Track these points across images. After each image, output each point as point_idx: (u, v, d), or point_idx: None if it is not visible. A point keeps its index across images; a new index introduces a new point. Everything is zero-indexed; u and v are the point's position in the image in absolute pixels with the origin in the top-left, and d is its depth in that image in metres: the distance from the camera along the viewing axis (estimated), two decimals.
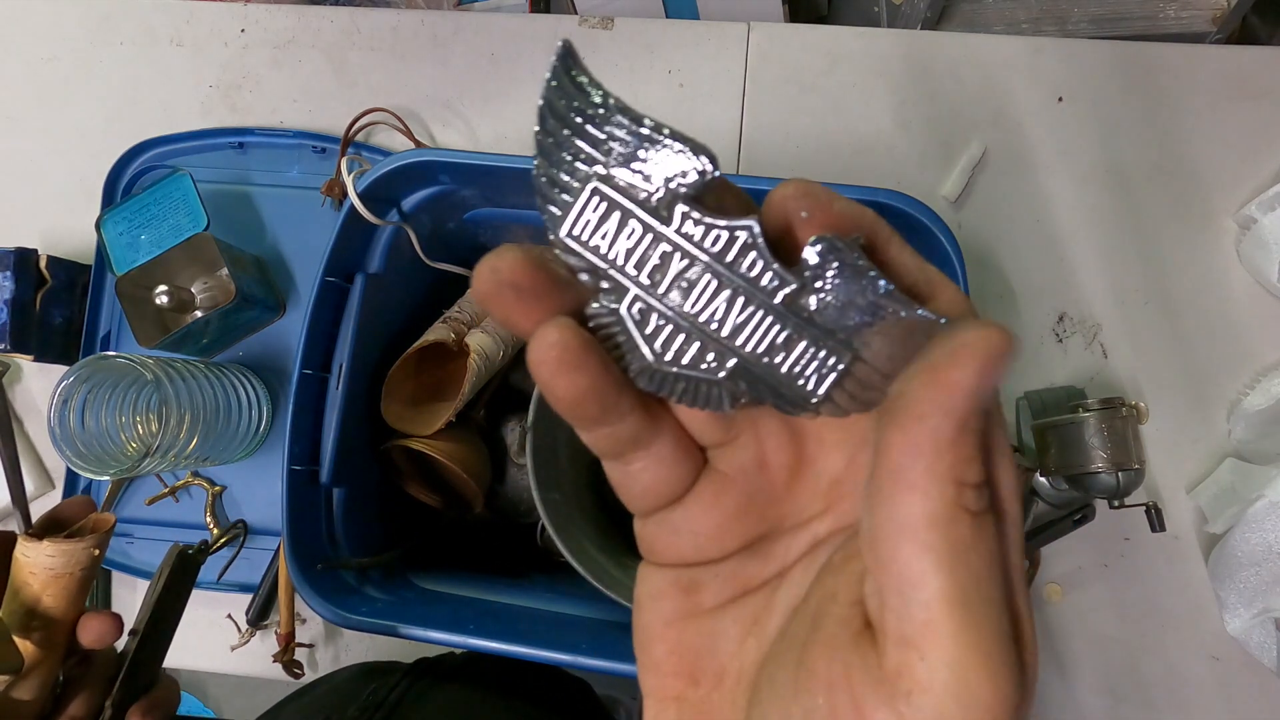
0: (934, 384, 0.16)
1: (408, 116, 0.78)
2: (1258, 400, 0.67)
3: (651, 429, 0.19)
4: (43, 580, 0.38)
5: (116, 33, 0.85)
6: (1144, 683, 0.68)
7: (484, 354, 0.61)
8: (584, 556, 0.57)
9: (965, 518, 0.16)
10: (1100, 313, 0.72)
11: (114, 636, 0.40)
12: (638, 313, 0.18)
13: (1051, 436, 0.65)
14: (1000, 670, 0.15)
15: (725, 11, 1.19)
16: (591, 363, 0.17)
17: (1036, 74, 0.75)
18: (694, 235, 0.17)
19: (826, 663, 0.17)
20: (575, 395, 0.17)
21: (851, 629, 0.17)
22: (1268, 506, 0.63)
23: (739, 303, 0.17)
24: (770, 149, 0.77)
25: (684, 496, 0.20)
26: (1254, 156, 0.73)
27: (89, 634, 0.40)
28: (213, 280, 0.70)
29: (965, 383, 0.15)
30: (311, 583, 0.56)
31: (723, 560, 0.20)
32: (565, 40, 0.17)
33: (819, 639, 0.17)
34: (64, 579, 0.38)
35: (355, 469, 0.61)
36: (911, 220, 0.53)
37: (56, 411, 0.59)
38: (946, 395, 0.15)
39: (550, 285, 0.17)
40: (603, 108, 0.17)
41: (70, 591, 0.39)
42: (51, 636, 0.39)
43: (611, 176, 0.17)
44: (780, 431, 0.20)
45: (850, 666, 0.16)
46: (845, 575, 0.18)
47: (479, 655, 0.65)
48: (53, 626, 0.39)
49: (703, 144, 0.17)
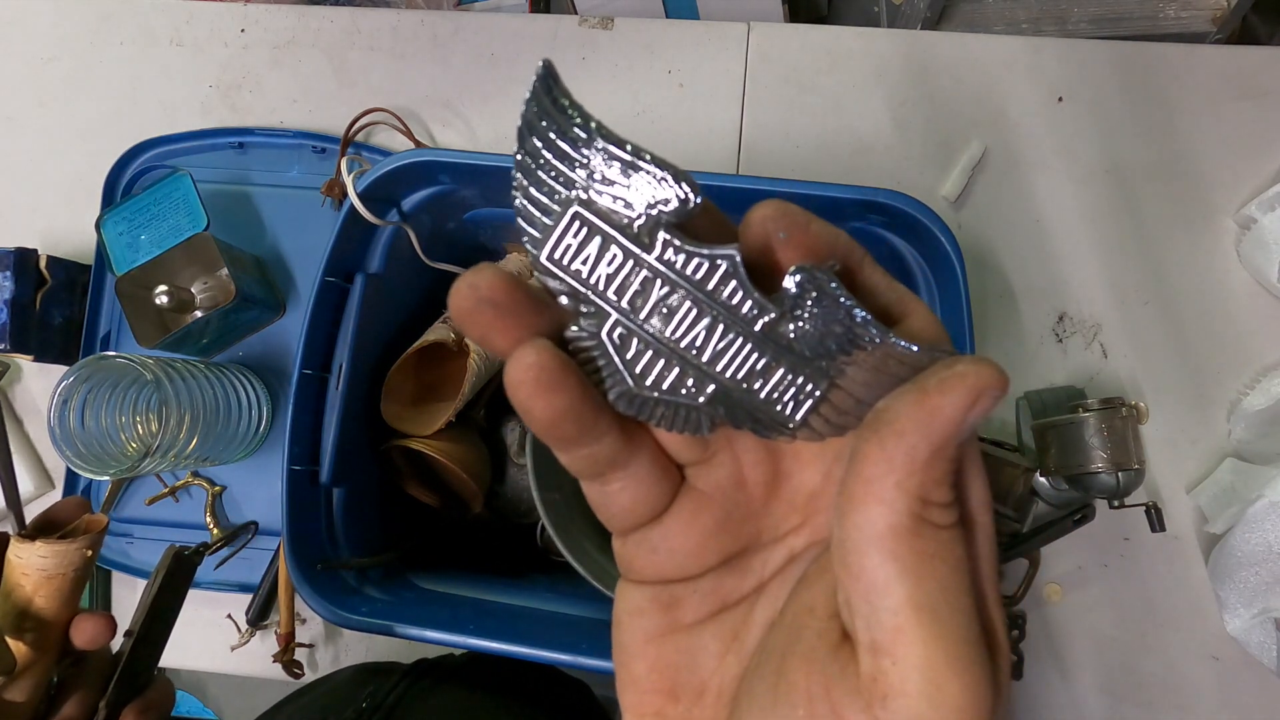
0: (920, 406, 0.16)
1: (408, 116, 0.78)
2: (1258, 400, 0.67)
3: (629, 450, 0.19)
4: (35, 581, 0.38)
5: (116, 33, 0.85)
6: (1144, 683, 0.68)
7: (484, 354, 0.61)
8: (584, 556, 0.57)
9: (929, 530, 0.16)
10: (1100, 313, 0.72)
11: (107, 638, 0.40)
12: (618, 337, 0.18)
13: (1051, 436, 0.65)
14: (971, 672, 0.16)
15: (725, 11, 1.19)
16: (569, 384, 0.17)
17: (1036, 74, 0.75)
18: (675, 262, 0.17)
19: (805, 675, 0.17)
20: (552, 417, 0.17)
21: (829, 641, 0.17)
22: (1268, 506, 0.63)
23: (719, 329, 0.18)
24: (770, 149, 0.77)
25: (662, 515, 0.20)
26: (1254, 156, 0.73)
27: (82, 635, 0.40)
28: (213, 280, 0.70)
29: (950, 411, 0.16)
30: (311, 583, 0.56)
31: (701, 576, 0.20)
32: (546, 60, 0.17)
33: (797, 651, 0.18)
34: (56, 580, 0.38)
35: (355, 469, 0.61)
36: (911, 220, 0.53)
37: (56, 411, 0.59)
38: (929, 418, 0.16)
39: (528, 305, 0.17)
40: (584, 131, 0.17)
41: (63, 593, 0.39)
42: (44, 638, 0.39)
43: (592, 201, 0.17)
44: (757, 448, 0.20)
45: (829, 677, 0.17)
46: (820, 587, 0.19)
47: (478, 656, 0.65)
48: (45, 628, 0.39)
49: (684, 171, 0.17)
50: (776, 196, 0.55)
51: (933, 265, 0.56)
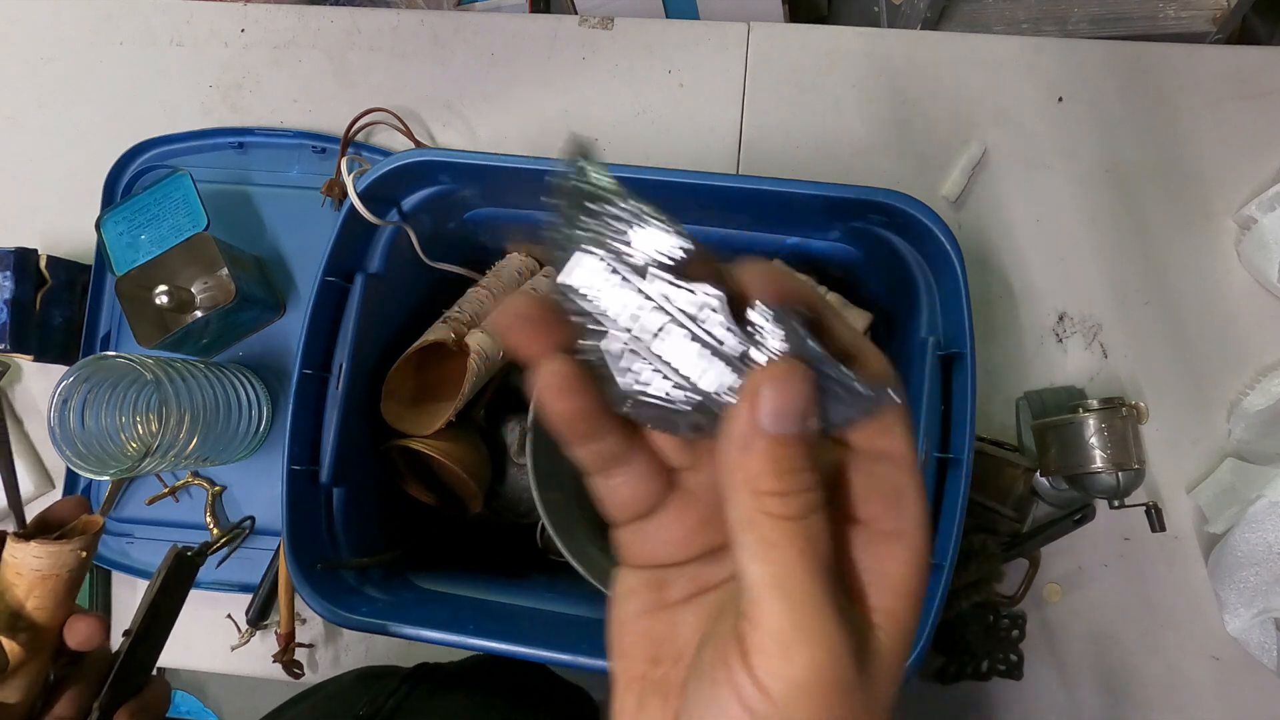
0: (730, 414, 0.21)
1: (408, 116, 0.78)
2: (1258, 400, 0.67)
3: (629, 449, 0.23)
4: (29, 581, 0.38)
5: (116, 33, 0.85)
6: (1144, 683, 0.68)
7: (484, 354, 0.61)
8: (584, 556, 0.57)
9: (765, 520, 0.20)
10: (1100, 313, 0.72)
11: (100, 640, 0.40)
12: (618, 352, 0.22)
13: (1051, 436, 0.65)
14: (819, 641, 0.19)
15: (725, 11, 1.19)
16: (583, 389, 0.21)
17: (1036, 74, 0.75)
18: (670, 296, 0.21)
19: (720, 638, 0.21)
20: (569, 415, 0.22)
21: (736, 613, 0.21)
22: (1268, 506, 0.63)
23: (702, 352, 0.21)
24: (770, 149, 0.77)
25: (656, 510, 0.24)
26: (1254, 156, 0.73)
27: (75, 636, 0.40)
28: (213, 280, 0.70)
29: (744, 414, 0.20)
30: (311, 583, 0.56)
31: (687, 563, 0.24)
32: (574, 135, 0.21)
33: (724, 619, 0.22)
34: (51, 580, 0.38)
35: (355, 469, 0.61)
36: (911, 220, 0.53)
37: (56, 411, 0.59)
38: (733, 422, 0.20)
39: (553, 320, 0.22)
40: (608, 190, 0.21)
41: (57, 593, 0.39)
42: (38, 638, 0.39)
43: (608, 242, 0.21)
44: None
45: (731, 639, 0.21)
46: None
47: (478, 660, 0.65)
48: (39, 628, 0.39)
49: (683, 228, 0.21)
50: (776, 196, 0.55)
51: (933, 265, 0.56)
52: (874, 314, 0.57)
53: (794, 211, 0.57)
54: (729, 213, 0.59)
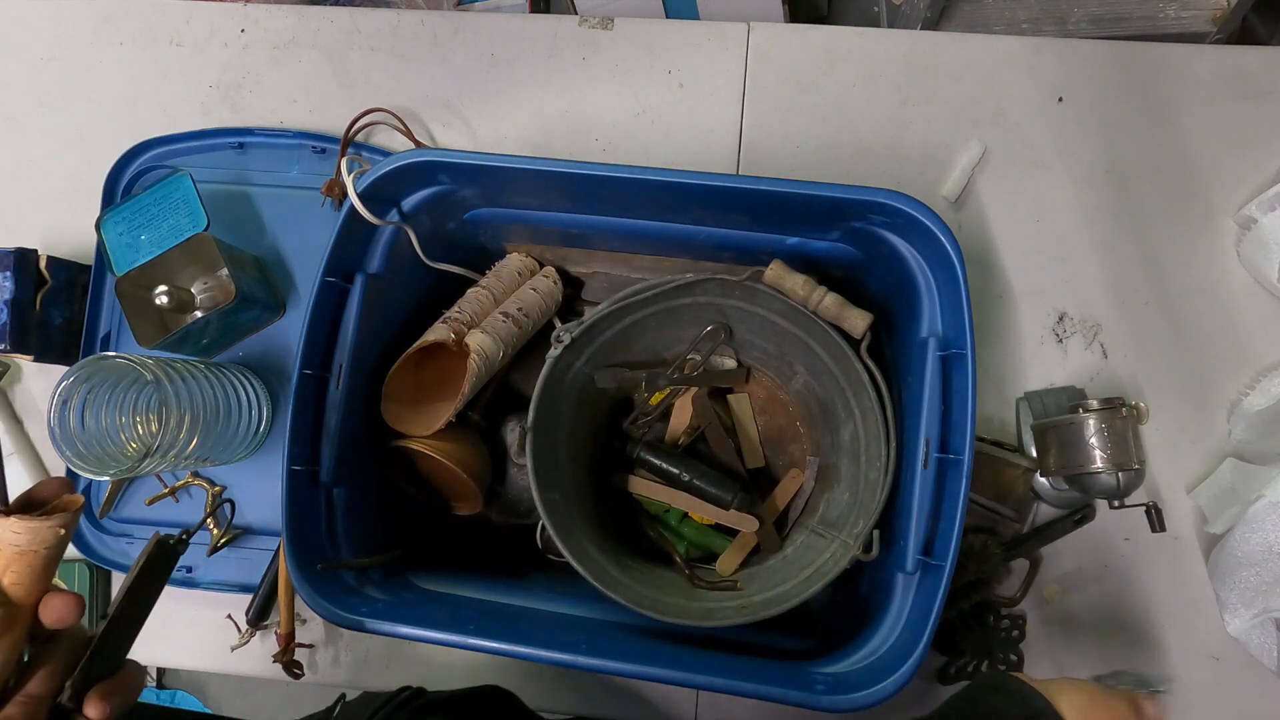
0: None
1: (408, 116, 0.78)
2: (1258, 400, 0.67)
3: None
4: (7, 557, 0.38)
5: (116, 33, 0.85)
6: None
7: (484, 354, 0.61)
8: (584, 556, 0.57)
9: None
10: (1100, 313, 0.72)
11: (75, 617, 0.40)
12: None
13: (1051, 437, 0.65)
14: None
15: (725, 11, 1.19)
16: None
17: (1036, 74, 0.75)
18: None
19: None
20: None
21: None
22: (1268, 506, 0.63)
23: None
24: (770, 149, 0.77)
25: None
26: (1254, 156, 0.73)
27: (50, 614, 0.40)
28: (213, 280, 0.70)
29: None
30: (311, 583, 0.56)
31: None
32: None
33: None
34: (28, 556, 0.39)
35: (355, 469, 0.61)
36: (912, 220, 0.53)
37: (56, 411, 0.59)
38: None
39: None
40: None
41: (35, 570, 0.39)
42: (13, 614, 0.39)
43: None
44: None
45: None
46: None
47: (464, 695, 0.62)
48: (15, 604, 0.39)
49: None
50: (777, 196, 0.55)
51: (933, 265, 0.56)
52: (874, 314, 0.57)
53: (794, 212, 0.57)
54: (729, 213, 0.59)
